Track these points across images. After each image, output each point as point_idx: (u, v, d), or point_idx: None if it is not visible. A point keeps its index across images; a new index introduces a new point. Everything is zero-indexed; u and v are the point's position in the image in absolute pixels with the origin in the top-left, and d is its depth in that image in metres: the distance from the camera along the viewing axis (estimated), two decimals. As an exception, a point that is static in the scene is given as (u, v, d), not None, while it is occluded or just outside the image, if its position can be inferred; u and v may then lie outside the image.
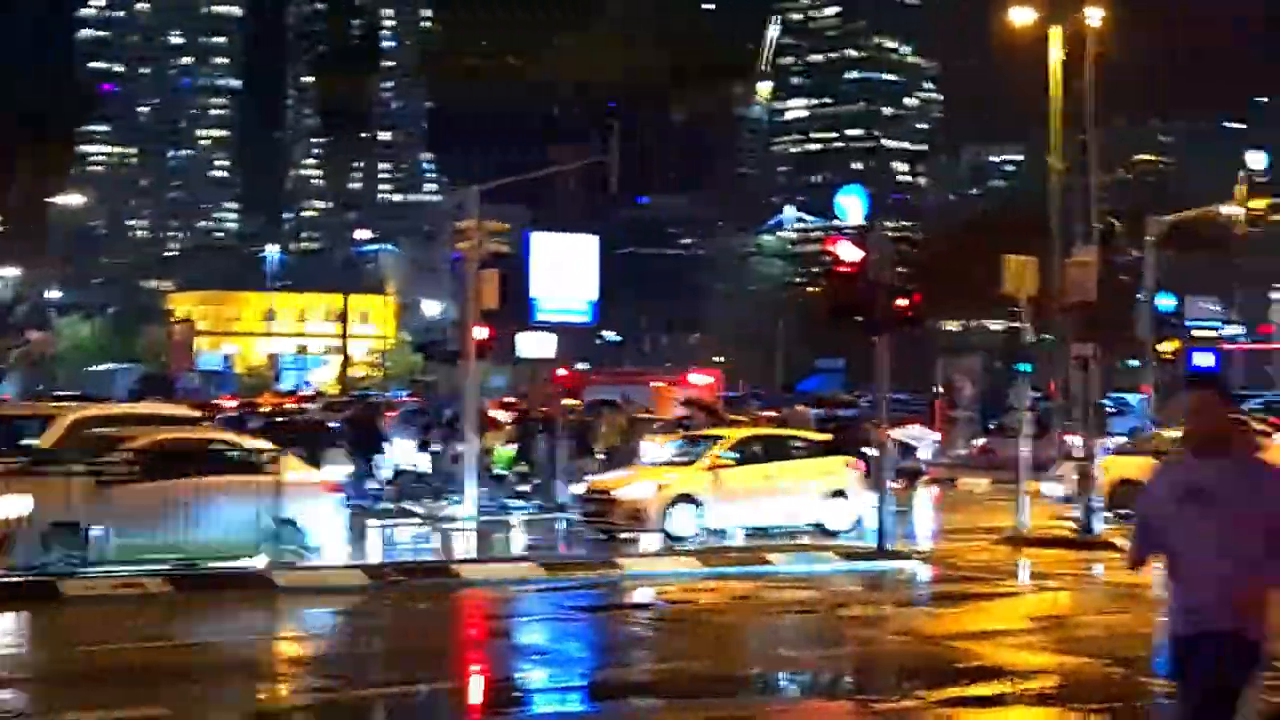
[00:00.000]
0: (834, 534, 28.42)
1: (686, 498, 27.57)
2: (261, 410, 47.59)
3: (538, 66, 63.67)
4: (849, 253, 24.68)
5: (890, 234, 38.43)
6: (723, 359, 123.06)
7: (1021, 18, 42.22)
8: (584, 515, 28.36)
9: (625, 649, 17.35)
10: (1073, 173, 51.32)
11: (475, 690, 15.37)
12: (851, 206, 25.48)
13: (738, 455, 28.88)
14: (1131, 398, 63.40)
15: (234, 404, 54.48)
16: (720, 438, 30.06)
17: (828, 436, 33.58)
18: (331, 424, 37.72)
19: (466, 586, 21.99)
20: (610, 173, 36.47)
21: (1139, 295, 46.30)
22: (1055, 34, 41.53)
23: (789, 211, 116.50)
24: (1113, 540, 27.70)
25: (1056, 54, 41.49)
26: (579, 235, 39.97)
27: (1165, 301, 45.25)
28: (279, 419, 40.81)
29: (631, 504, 27.37)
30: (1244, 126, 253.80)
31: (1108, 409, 37.01)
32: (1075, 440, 45.02)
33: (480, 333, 34.57)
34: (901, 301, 24.99)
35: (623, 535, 27.19)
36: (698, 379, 50.26)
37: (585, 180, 51.98)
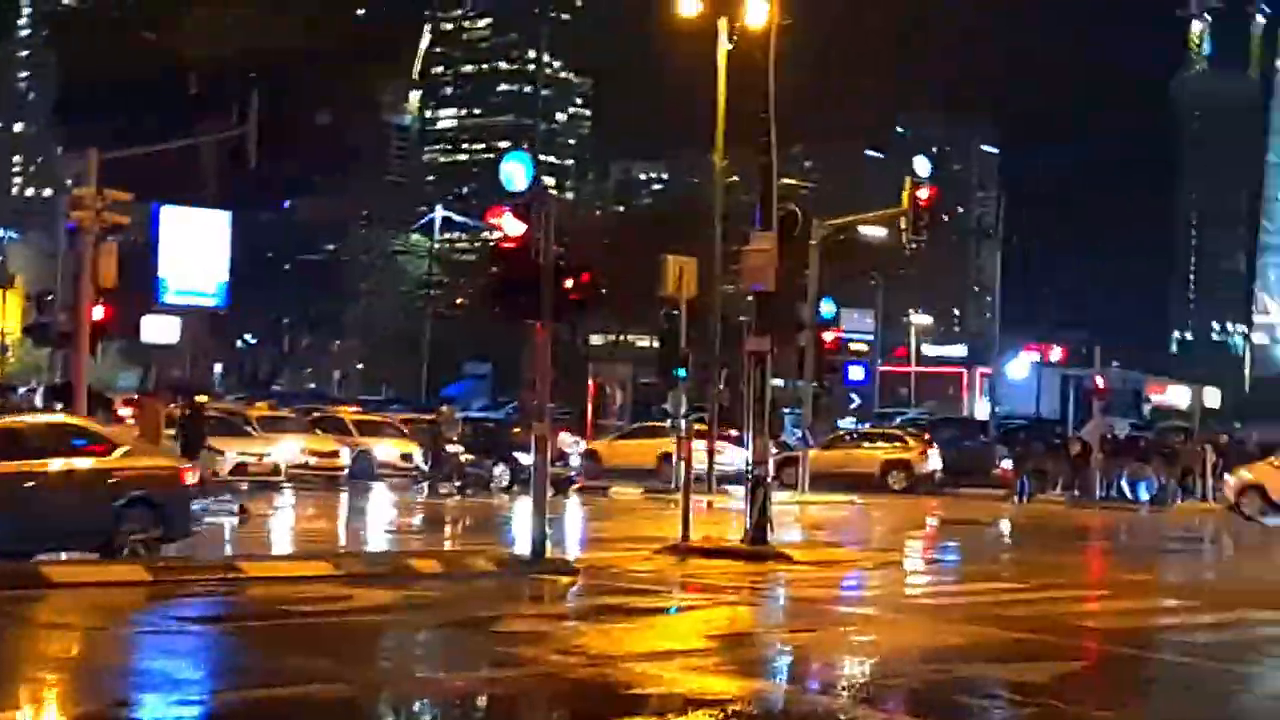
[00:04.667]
0: None
1: None
2: None
3: (173, 41, 59.58)
4: (513, 225, 22.08)
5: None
6: (361, 365, 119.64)
7: (688, 8, 40.45)
8: None
9: (242, 670, 14.43)
10: (736, 172, 49.72)
11: None
12: (516, 173, 22.73)
13: None
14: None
15: None
16: None
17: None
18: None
19: (54, 589, 18.78)
20: (249, 143, 33.35)
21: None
22: (723, 24, 39.91)
23: (439, 212, 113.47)
24: (785, 551, 25.75)
25: (724, 43, 39.87)
26: (210, 210, 36.73)
27: (827, 308, 43.73)
28: None
29: None
30: (882, 156, 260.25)
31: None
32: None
33: (97, 312, 31.07)
34: (569, 282, 22.47)
35: None
36: None
37: (224, 181, 48.67)
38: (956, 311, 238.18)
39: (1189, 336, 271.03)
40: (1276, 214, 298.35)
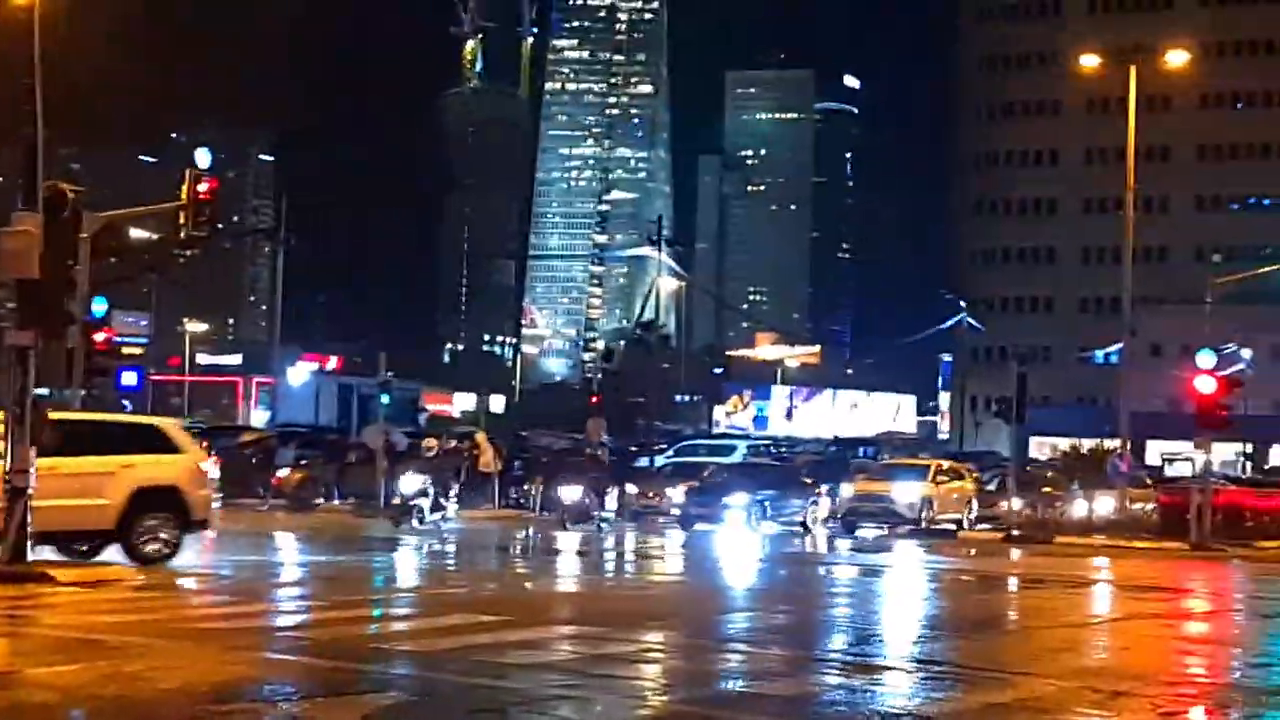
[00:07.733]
0: None
1: None
2: None
3: None
4: None
5: None
6: None
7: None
8: None
9: None
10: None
11: None
12: None
13: None
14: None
15: None
16: None
17: None
18: None
19: None
20: None
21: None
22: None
23: None
24: (48, 571, 22.91)
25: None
26: None
27: (99, 307, 40.44)
28: None
29: None
30: (155, 161, 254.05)
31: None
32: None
33: None
34: None
35: None
36: None
37: None
38: (231, 320, 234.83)
39: (460, 348, 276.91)
40: (545, 230, 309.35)
